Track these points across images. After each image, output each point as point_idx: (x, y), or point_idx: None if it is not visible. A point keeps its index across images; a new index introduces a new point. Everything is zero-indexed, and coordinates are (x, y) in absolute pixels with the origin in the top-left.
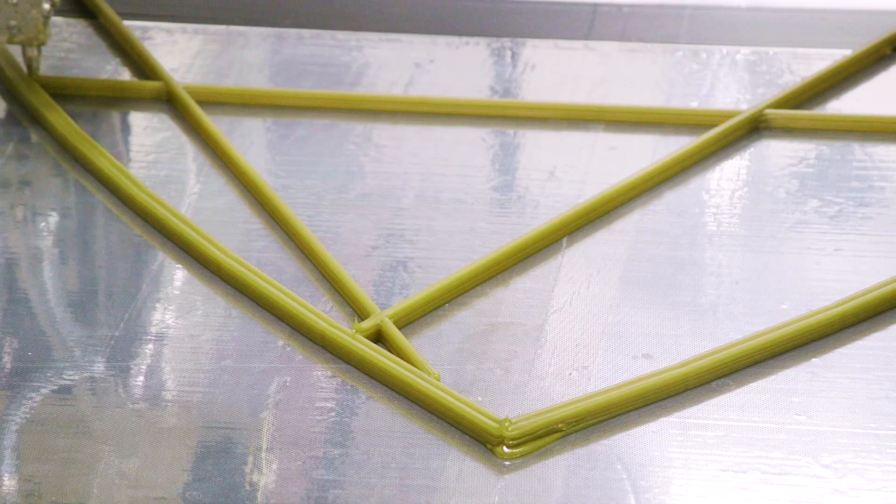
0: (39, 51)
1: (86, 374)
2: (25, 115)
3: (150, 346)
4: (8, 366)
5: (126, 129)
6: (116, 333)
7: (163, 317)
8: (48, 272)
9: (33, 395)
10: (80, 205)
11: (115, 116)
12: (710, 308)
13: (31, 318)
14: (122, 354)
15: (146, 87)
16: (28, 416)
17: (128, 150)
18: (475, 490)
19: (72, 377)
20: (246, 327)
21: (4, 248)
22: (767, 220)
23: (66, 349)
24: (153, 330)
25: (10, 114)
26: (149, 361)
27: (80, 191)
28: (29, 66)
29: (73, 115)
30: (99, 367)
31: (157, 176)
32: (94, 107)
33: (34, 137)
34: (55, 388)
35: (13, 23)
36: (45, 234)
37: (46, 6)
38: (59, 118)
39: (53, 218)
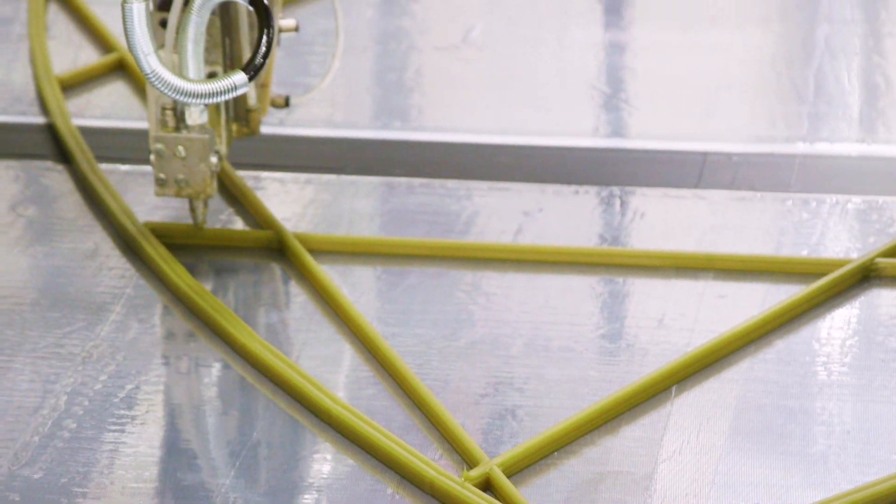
0: (206, 204)
1: None
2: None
3: (260, 496)
4: None
5: (238, 277)
6: (227, 482)
7: (271, 465)
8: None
9: None
10: (192, 352)
11: (228, 265)
12: (820, 458)
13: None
14: None
15: (258, 236)
16: None
17: (240, 298)
18: None
19: None
20: (355, 475)
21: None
22: (879, 370)
23: (175, 496)
24: (263, 478)
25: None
26: None
27: (190, 338)
28: (195, 218)
29: (186, 264)
30: None
31: (268, 324)
32: (207, 255)
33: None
34: None
35: (181, 176)
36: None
37: (214, 160)
38: (172, 267)
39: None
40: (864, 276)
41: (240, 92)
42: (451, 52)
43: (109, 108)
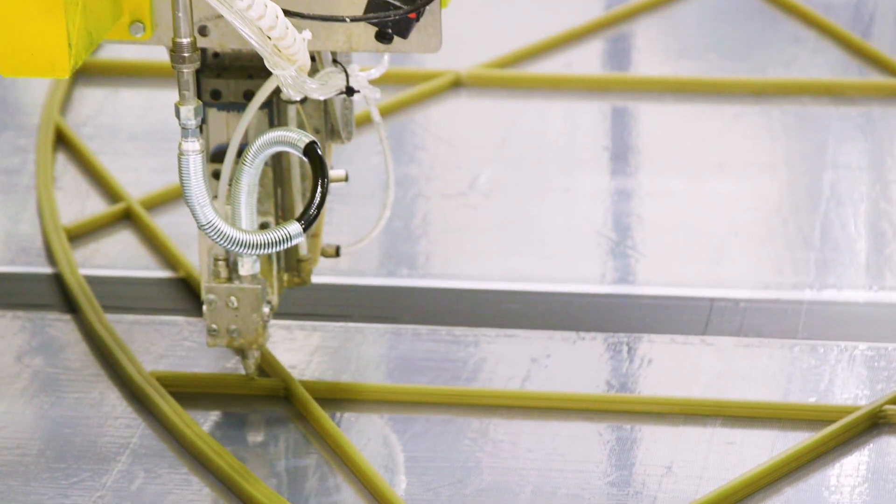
0: (258, 354)
1: None
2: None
3: None
4: None
5: (245, 425)
6: None
7: None
8: None
9: None
10: (198, 502)
11: (235, 412)
12: None
13: None
14: None
15: (265, 383)
16: None
17: (246, 447)
18: None
19: None
20: None
21: None
22: None
23: None
24: None
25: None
26: None
27: (196, 487)
28: (246, 368)
29: (192, 413)
30: None
31: (275, 472)
32: (214, 403)
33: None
34: None
35: (233, 327)
36: None
37: (266, 310)
38: (179, 416)
39: None
40: (873, 424)
41: (294, 242)
42: (457, 199)
43: (116, 257)
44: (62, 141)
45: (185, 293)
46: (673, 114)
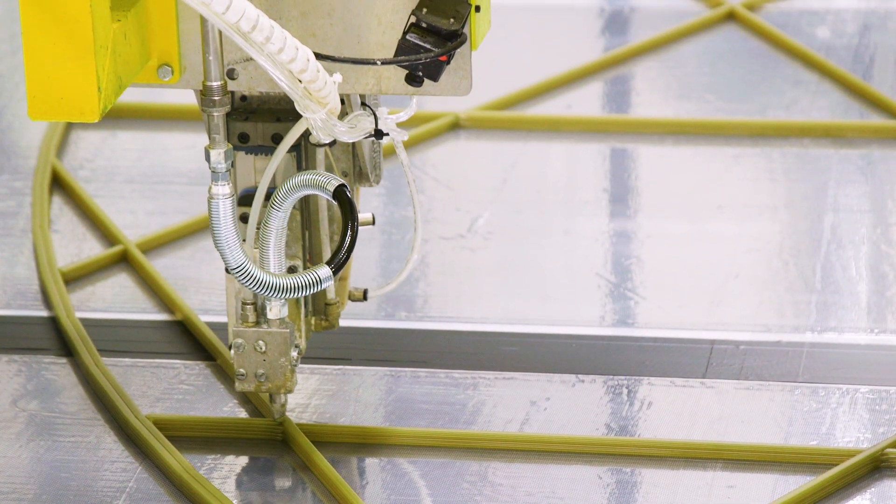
0: (285, 398)
1: None
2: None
3: None
4: None
5: (243, 468)
6: None
7: None
8: None
9: None
10: None
11: (233, 456)
12: None
13: None
14: None
15: (261, 425)
16: None
17: (244, 490)
18: None
19: None
20: None
21: None
22: None
23: None
24: None
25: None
26: None
27: None
28: (274, 413)
29: (190, 456)
30: None
31: None
32: (211, 447)
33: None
34: None
35: (261, 371)
36: None
37: (294, 354)
38: (176, 460)
39: None
40: (875, 467)
41: (324, 286)
42: (456, 242)
43: (112, 300)
44: (59, 184)
45: (182, 336)
46: (673, 155)
